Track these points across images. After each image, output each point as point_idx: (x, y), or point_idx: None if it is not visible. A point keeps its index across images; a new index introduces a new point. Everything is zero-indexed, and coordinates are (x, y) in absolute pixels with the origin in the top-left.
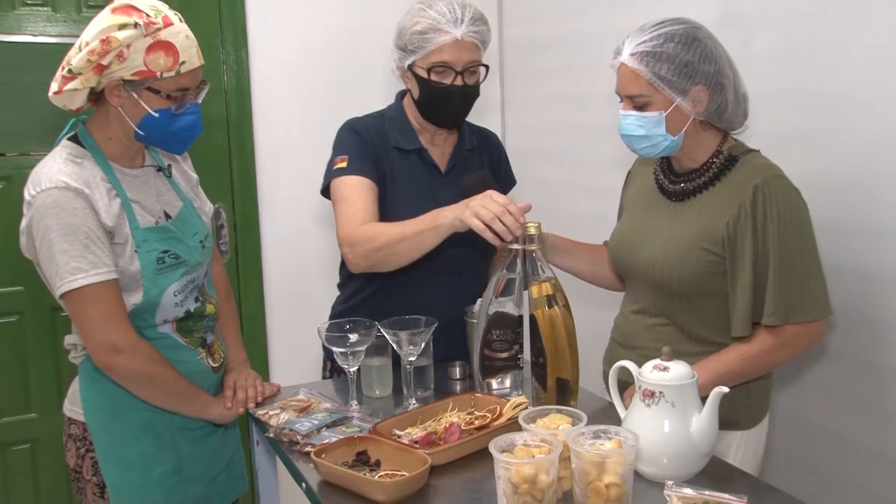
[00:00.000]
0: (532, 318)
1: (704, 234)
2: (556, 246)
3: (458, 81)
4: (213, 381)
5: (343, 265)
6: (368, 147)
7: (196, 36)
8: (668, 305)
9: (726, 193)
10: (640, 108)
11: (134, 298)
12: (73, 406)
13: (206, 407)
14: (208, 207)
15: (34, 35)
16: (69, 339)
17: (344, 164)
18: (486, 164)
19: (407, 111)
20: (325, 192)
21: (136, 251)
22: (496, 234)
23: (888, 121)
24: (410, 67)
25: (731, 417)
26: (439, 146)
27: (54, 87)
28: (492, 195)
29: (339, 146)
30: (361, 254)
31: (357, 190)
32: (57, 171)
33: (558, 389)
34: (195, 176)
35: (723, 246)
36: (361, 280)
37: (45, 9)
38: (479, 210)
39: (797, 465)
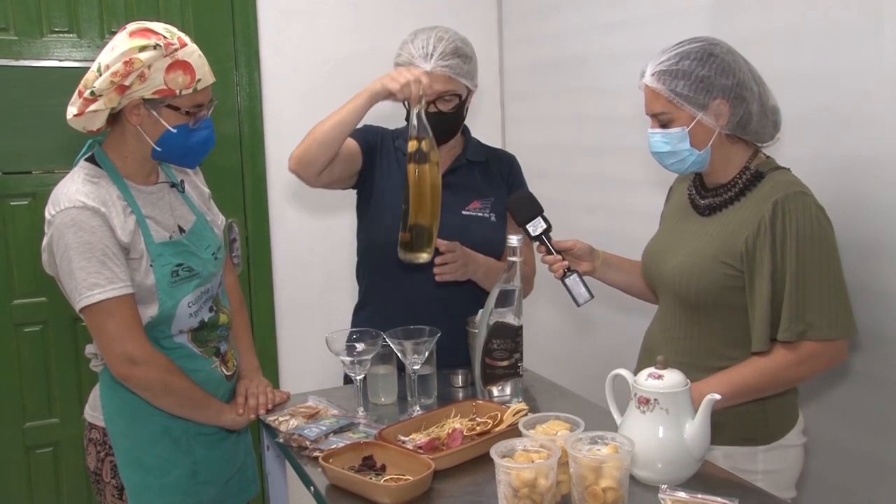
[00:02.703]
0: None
1: (724, 248)
2: (607, 262)
3: (432, 109)
4: (226, 388)
5: (357, 270)
6: (372, 134)
7: (211, 59)
8: (689, 318)
9: (749, 209)
10: (665, 125)
11: (150, 311)
12: (93, 412)
13: (219, 414)
14: (220, 220)
15: (60, 60)
16: (90, 349)
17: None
18: (496, 181)
19: None
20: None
21: (151, 265)
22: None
23: None
24: None
25: (746, 433)
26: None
27: (73, 110)
28: (402, 70)
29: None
30: (301, 146)
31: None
32: (75, 191)
33: (415, 234)
34: (207, 190)
35: (741, 260)
36: (366, 285)
37: (71, 35)
38: (395, 75)
39: (824, 485)
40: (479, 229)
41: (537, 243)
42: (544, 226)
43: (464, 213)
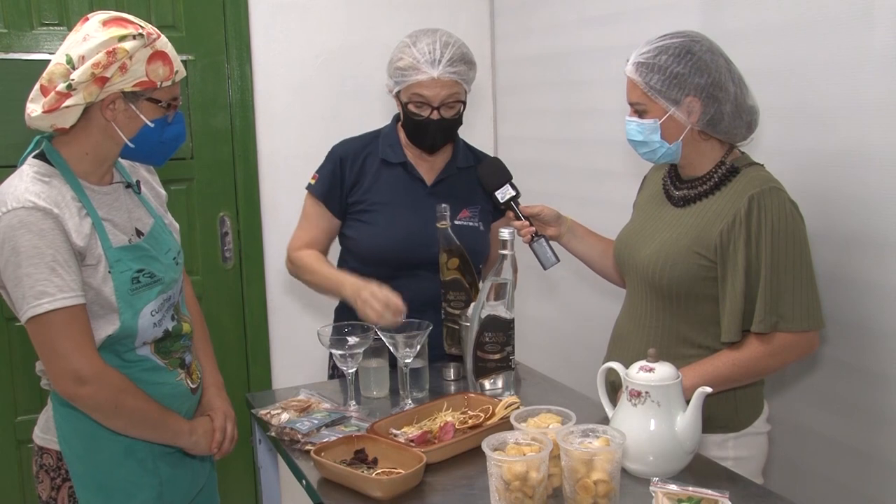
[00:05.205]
0: (456, 281)
1: (698, 239)
2: (573, 230)
3: (435, 115)
4: (192, 402)
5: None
6: (340, 175)
7: (202, 52)
8: (661, 307)
9: (723, 202)
10: (640, 114)
11: (111, 328)
12: (45, 434)
13: (176, 436)
14: (177, 225)
15: (50, 53)
16: (41, 365)
17: (313, 182)
18: (479, 186)
19: (399, 130)
20: None
21: (109, 272)
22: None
23: (886, 134)
24: (397, 94)
25: (719, 420)
26: (429, 161)
27: (39, 107)
28: (374, 295)
29: (320, 166)
30: (292, 271)
31: (315, 215)
32: (24, 190)
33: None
34: (164, 192)
35: (715, 252)
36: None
37: (61, 28)
38: (367, 311)
39: (794, 470)
40: (470, 239)
41: (506, 209)
42: (513, 192)
43: (456, 223)
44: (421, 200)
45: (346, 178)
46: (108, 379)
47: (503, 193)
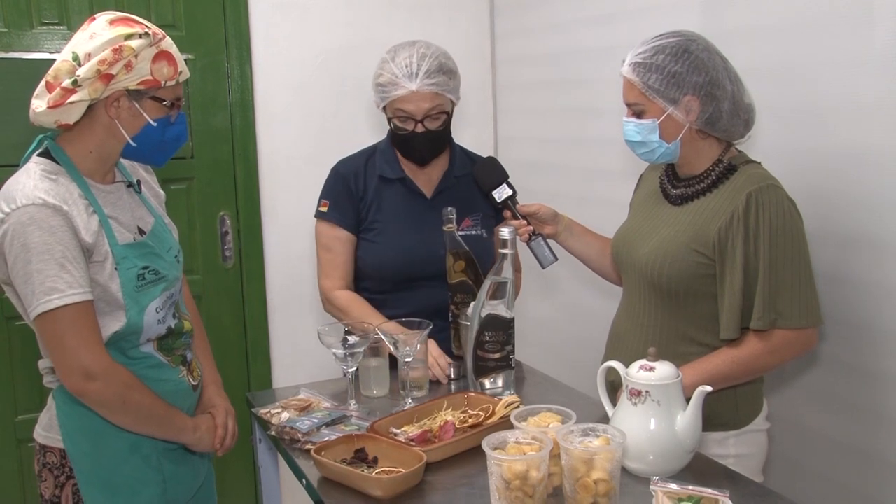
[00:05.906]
0: (463, 283)
1: (696, 237)
2: (570, 229)
3: (420, 128)
4: (193, 399)
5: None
6: (348, 192)
7: (202, 51)
8: (659, 305)
9: (721, 200)
10: (638, 115)
11: (117, 324)
12: (48, 433)
13: (181, 432)
14: (174, 226)
15: (50, 52)
16: (44, 363)
17: (325, 209)
18: (478, 191)
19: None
20: None
21: (115, 269)
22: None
23: (883, 133)
24: (383, 109)
25: (719, 418)
26: (426, 173)
27: (43, 103)
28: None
29: (325, 190)
30: (329, 311)
31: (335, 242)
32: (33, 187)
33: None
34: (162, 193)
35: (713, 249)
36: (363, 288)
37: (61, 27)
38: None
39: (794, 468)
40: (474, 249)
41: (503, 208)
42: (510, 192)
43: (459, 233)
44: (422, 214)
45: (353, 196)
46: (115, 375)
47: (500, 193)
